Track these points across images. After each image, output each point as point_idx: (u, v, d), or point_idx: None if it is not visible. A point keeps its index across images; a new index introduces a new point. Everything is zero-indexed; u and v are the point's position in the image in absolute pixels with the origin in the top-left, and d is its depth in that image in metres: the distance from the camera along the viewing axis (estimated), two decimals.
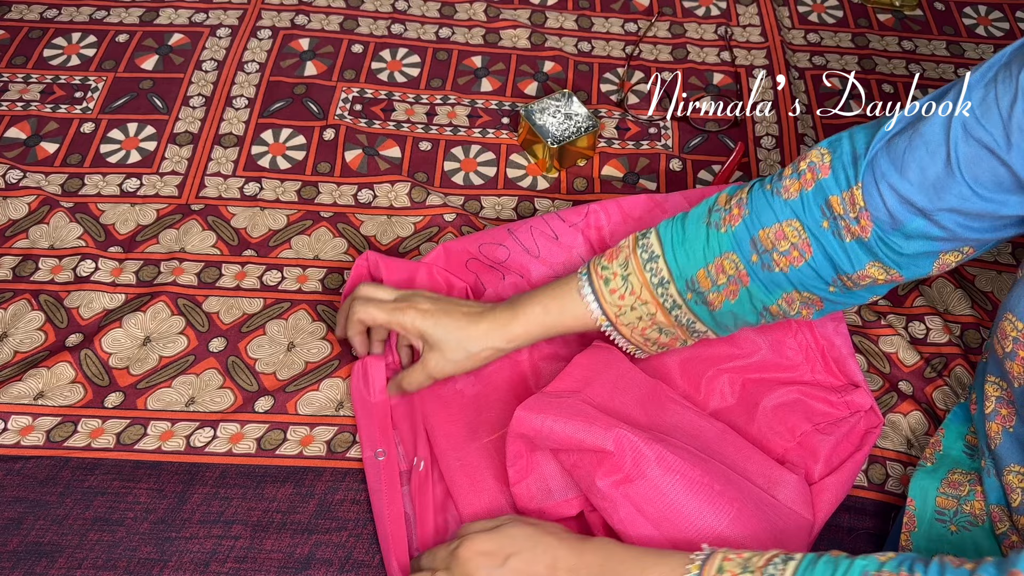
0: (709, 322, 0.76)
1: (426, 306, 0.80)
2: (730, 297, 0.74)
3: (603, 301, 0.76)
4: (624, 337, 0.78)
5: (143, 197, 1.02)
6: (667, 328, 0.77)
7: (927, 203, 0.65)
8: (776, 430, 0.81)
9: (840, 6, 1.29)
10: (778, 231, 0.71)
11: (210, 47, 1.17)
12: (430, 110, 1.12)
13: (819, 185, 0.69)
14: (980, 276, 0.98)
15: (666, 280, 0.74)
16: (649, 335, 0.78)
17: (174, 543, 0.78)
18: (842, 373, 0.84)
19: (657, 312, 0.76)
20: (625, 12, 1.26)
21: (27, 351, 0.89)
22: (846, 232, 0.69)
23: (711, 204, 0.75)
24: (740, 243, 0.72)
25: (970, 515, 0.73)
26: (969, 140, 0.63)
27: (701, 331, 0.78)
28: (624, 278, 0.75)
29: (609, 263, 0.77)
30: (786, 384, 0.84)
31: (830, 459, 0.79)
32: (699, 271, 0.74)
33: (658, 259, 0.75)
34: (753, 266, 0.72)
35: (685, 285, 0.74)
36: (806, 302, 0.74)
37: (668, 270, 0.74)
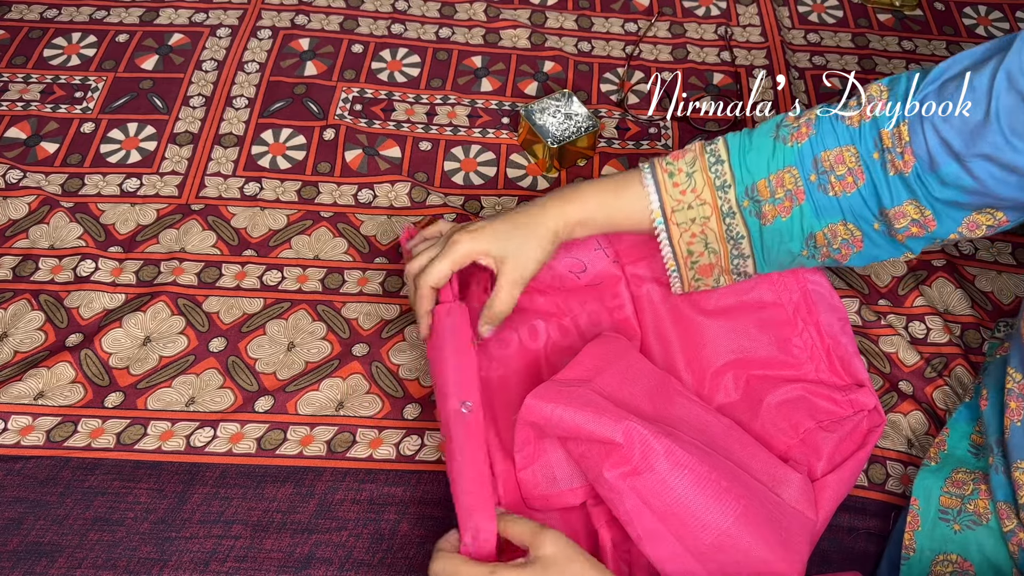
0: (756, 241, 0.77)
1: (473, 227, 0.78)
2: (783, 213, 0.75)
3: (663, 192, 0.77)
4: (671, 242, 0.78)
5: (143, 197, 1.02)
6: (713, 243, 0.78)
7: (962, 147, 0.67)
8: (779, 427, 0.81)
9: (840, 6, 1.29)
10: (838, 155, 0.74)
11: (210, 47, 1.17)
12: (430, 110, 1.12)
13: (875, 117, 0.73)
14: (980, 276, 0.98)
15: (728, 184, 0.76)
16: (694, 247, 0.78)
17: (174, 543, 0.78)
18: (846, 372, 0.84)
19: (712, 217, 0.77)
20: (625, 12, 1.26)
21: (27, 351, 0.89)
22: (891, 166, 0.72)
23: (779, 121, 0.77)
24: (803, 160, 0.75)
25: (974, 514, 0.73)
26: (1011, 91, 0.65)
27: (743, 255, 0.78)
28: (689, 175, 0.77)
29: (675, 160, 0.78)
30: (790, 381, 0.84)
31: (832, 457, 0.79)
32: (760, 180, 0.76)
33: (723, 163, 0.76)
34: (811, 185, 0.75)
35: (745, 191, 0.76)
36: (848, 238, 0.76)
37: (732, 174, 0.76)
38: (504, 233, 0.77)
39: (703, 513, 0.69)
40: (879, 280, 0.97)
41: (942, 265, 0.98)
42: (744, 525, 0.69)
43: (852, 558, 0.79)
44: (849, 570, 0.78)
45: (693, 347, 0.85)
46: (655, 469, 0.69)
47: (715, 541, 0.69)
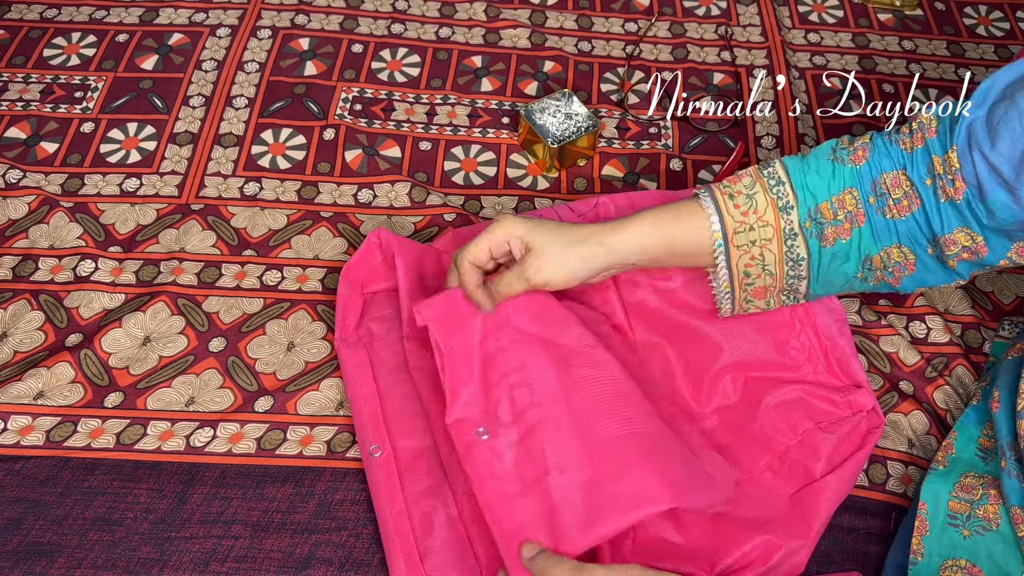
0: (815, 262, 0.76)
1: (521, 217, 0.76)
2: (843, 235, 0.75)
3: (725, 214, 0.75)
4: (729, 266, 0.76)
5: (143, 197, 1.02)
6: (771, 265, 0.76)
7: (1012, 174, 0.67)
8: (778, 428, 0.81)
9: (840, 6, 1.29)
10: (895, 178, 0.73)
11: (210, 47, 1.17)
12: (430, 110, 1.12)
13: (927, 144, 0.72)
14: (980, 276, 0.98)
15: (790, 205, 0.75)
16: (752, 269, 0.76)
17: (174, 543, 0.78)
18: (844, 373, 0.84)
19: (773, 239, 0.75)
20: (625, 12, 1.26)
21: (27, 351, 0.89)
22: (942, 193, 0.71)
23: (834, 144, 0.77)
24: (863, 181, 0.74)
25: (983, 519, 0.73)
26: None
27: (800, 277, 0.77)
28: (749, 196, 0.75)
29: (732, 183, 0.76)
30: (788, 383, 0.84)
31: (832, 457, 0.79)
32: (823, 201, 0.75)
33: (784, 184, 0.75)
34: (870, 207, 0.74)
35: (808, 213, 0.75)
36: (902, 261, 0.75)
37: (794, 195, 0.75)
38: (549, 232, 0.75)
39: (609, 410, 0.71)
40: None
41: None
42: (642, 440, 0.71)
43: (853, 558, 0.79)
44: (850, 570, 0.78)
45: (690, 352, 0.85)
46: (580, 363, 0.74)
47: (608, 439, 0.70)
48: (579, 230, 0.75)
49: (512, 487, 0.72)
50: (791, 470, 0.80)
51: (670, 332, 0.86)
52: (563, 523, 0.68)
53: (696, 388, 0.84)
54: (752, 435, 0.81)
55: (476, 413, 0.76)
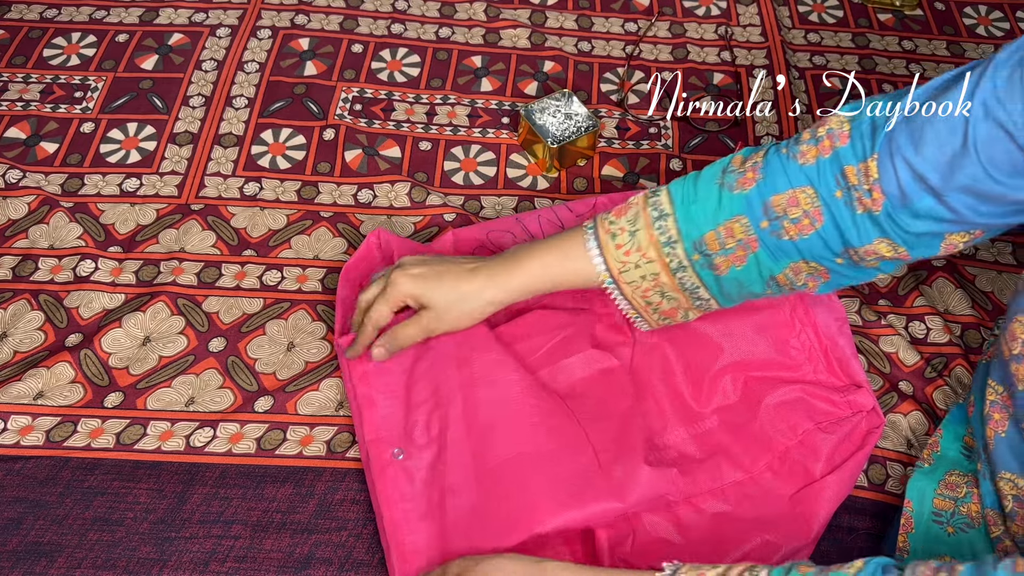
0: (713, 288, 0.75)
1: (416, 270, 0.78)
2: (737, 263, 0.72)
3: (607, 256, 0.74)
4: (625, 298, 0.77)
5: (143, 197, 1.02)
6: (670, 292, 0.75)
7: (939, 181, 0.64)
8: (778, 428, 0.81)
9: (840, 6, 1.29)
10: (791, 197, 0.70)
11: (210, 47, 1.17)
12: (430, 110, 1.12)
13: (836, 153, 0.68)
14: (980, 276, 0.98)
15: (674, 239, 0.73)
16: (651, 298, 0.76)
17: (174, 543, 0.78)
18: (844, 373, 0.84)
19: (661, 273, 0.74)
20: (625, 12, 1.26)
21: (27, 351, 0.89)
22: (858, 204, 0.68)
23: (725, 165, 0.74)
24: (752, 207, 0.71)
25: (967, 517, 0.73)
26: (989, 120, 0.61)
27: (704, 299, 0.76)
28: (632, 234, 0.74)
29: (617, 218, 0.75)
30: (788, 383, 0.84)
31: (832, 457, 0.79)
32: (708, 232, 0.72)
33: (668, 217, 0.73)
34: (763, 232, 0.71)
35: (692, 246, 0.73)
36: (812, 273, 0.73)
37: (677, 229, 0.73)
38: (445, 290, 0.78)
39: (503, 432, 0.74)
40: (879, 280, 0.97)
41: (942, 265, 0.98)
42: (534, 464, 0.73)
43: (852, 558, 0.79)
44: None
45: (690, 352, 0.85)
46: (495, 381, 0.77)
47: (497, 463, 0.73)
48: (471, 279, 0.78)
49: (418, 509, 0.75)
50: (791, 470, 0.80)
51: (671, 333, 0.86)
52: (454, 547, 0.72)
53: (696, 388, 0.84)
54: (752, 435, 0.81)
55: (394, 434, 0.78)
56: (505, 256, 0.79)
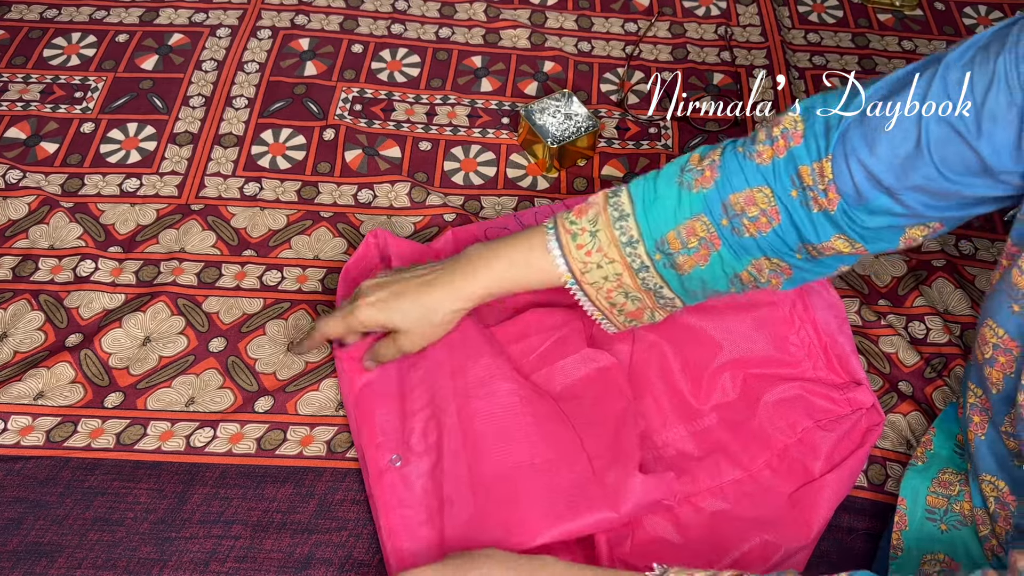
0: (676, 287, 0.74)
1: (374, 296, 0.78)
2: (700, 262, 0.72)
3: (569, 257, 0.74)
4: (589, 300, 0.76)
5: (143, 197, 1.02)
6: (633, 293, 0.75)
7: (893, 181, 0.64)
8: (777, 425, 0.81)
9: (840, 6, 1.29)
10: (748, 196, 0.70)
11: (210, 47, 1.17)
12: (430, 110, 1.12)
13: (791, 153, 0.68)
14: (980, 276, 0.98)
15: (635, 240, 0.72)
16: (615, 299, 0.75)
17: (174, 543, 0.78)
18: (844, 371, 0.84)
19: (624, 273, 0.73)
20: (625, 12, 1.26)
21: (27, 351, 0.89)
22: (814, 203, 0.68)
23: (683, 163, 0.74)
24: (711, 206, 0.71)
25: (959, 515, 0.73)
26: (941, 122, 0.62)
27: (668, 298, 0.75)
28: (592, 234, 0.73)
29: (578, 218, 0.74)
30: (788, 380, 0.84)
31: (831, 456, 0.79)
32: (669, 232, 0.72)
33: (628, 217, 0.73)
34: (723, 230, 0.71)
35: (654, 245, 0.72)
36: (775, 269, 0.73)
37: (638, 229, 0.72)
38: (406, 310, 0.77)
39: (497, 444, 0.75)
40: (879, 280, 0.97)
41: (942, 265, 0.98)
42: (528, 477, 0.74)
43: (851, 558, 0.79)
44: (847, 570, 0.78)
45: (689, 349, 0.85)
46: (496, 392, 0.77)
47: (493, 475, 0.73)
48: (430, 292, 0.77)
49: (418, 516, 0.75)
50: (790, 468, 0.80)
51: (669, 330, 0.86)
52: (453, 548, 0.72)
53: (695, 385, 0.84)
54: (751, 432, 0.81)
55: (392, 440, 0.79)
56: (463, 260, 0.77)
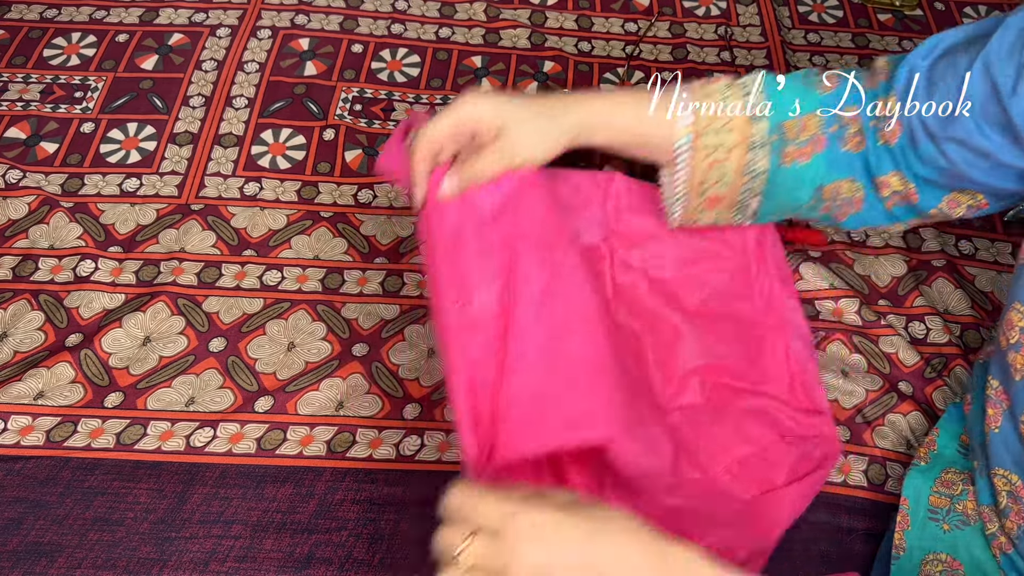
0: (770, 178, 0.75)
1: (487, 93, 0.72)
2: (802, 158, 0.75)
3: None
4: (688, 167, 0.75)
5: (143, 197, 1.02)
6: (730, 174, 0.75)
7: (938, 128, 0.68)
8: (741, 434, 0.81)
9: (840, 6, 1.29)
10: (854, 115, 0.74)
11: (210, 47, 1.17)
12: (430, 110, 1.12)
13: (879, 86, 0.74)
14: (980, 276, 0.98)
15: (760, 116, 0.75)
16: (710, 174, 0.75)
17: (174, 543, 0.78)
18: (808, 398, 0.84)
19: (736, 148, 0.74)
20: (625, 12, 1.26)
21: (27, 351, 0.89)
22: (880, 136, 0.73)
23: (808, 71, 0.78)
24: (828, 110, 0.75)
25: (962, 514, 0.73)
26: (985, 79, 0.65)
27: (754, 192, 0.76)
28: (724, 99, 0.75)
29: (709, 84, 0.76)
30: (757, 395, 0.83)
31: (795, 469, 0.79)
32: (788, 120, 0.75)
33: (758, 94, 0.76)
34: (832, 135, 0.75)
35: (774, 127, 0.75)
36: (850, 197, 0.76)
37: (765, 106, 0.75)
38: (516, 106, 0.71)
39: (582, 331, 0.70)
40: (879, 280, 0.97)
41: (942, 265, 0.98)
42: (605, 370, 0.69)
43: (851, 558, 0.79)
44: (848, 571, 0.78)
45: (666, 346, 0.85)
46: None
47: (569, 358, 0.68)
48: (549, 103, 0.73)
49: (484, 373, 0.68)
50: (750, 476, 0.79)
51: (650, 322, 0.85)
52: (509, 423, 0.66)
53: (666, 383, 0.83)
54: (713, 437, 0.80)
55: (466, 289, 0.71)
56: (588, 92, 0.77)
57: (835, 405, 0.87)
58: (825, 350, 0.91)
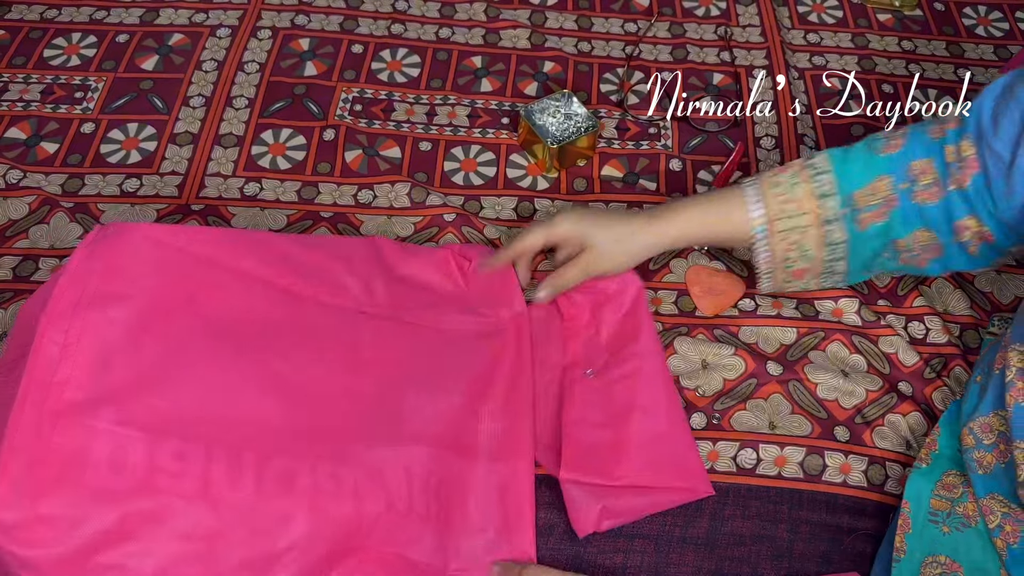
0: (851, 245, 0.81)
1: (575, 214, 0.85)
2: (877, 219, 0.79)
3: (768, 203, 0.82)
4: (768, 249, 0.83)
5: (143, 197, 1.02)
6: (810, 249, 0.82)
7: (1008, 156, 0.71)
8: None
9: (840, 6, 1.29)
10: (926, 165, 0.78)
11: (210, 47, 1.17)
12: (430, 110, 1.12)
13: (948, 133, 0.78)
14: (980, 276, 0.99)
15: (828, 193, 0.80)
16: (791, 253, 0.83)
17: None
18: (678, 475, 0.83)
19: (811, 227, 0.81)
20: (625, 12, 1.26)
21: None
22: (952, 181, 0.76)
23: (875, 136, 0.83)
24: (896, 168, 0.79)
25: (963, 516, 0.73)
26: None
27: (837, 258, 0.82)
28: (791, 186, 0.81)
29: (779, 174, 0.83)
30: None
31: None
32: (858, 189, 0.80)
33: (825, 173, 0.81)
34: (903, 192, 0.78)
35: (844, 200, 0.80)
36: (929, 244, 0.80)
37: (833, 183, 0.80)
38: (605, 227, 0.84)
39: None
40: (879, 280, 0.97)
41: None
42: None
43: (851, 558, 0.79)
44: (849, 571, 0.78)
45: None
46: None
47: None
48: (629, 223, 0.85)
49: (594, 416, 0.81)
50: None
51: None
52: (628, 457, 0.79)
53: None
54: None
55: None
56: (663, 206, 0.86)
57: (835, 405, 0.87)
58: (825, 350, 0.91)
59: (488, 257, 0.90)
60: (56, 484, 0.65)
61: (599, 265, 0.85)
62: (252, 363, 0.76)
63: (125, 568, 0.65)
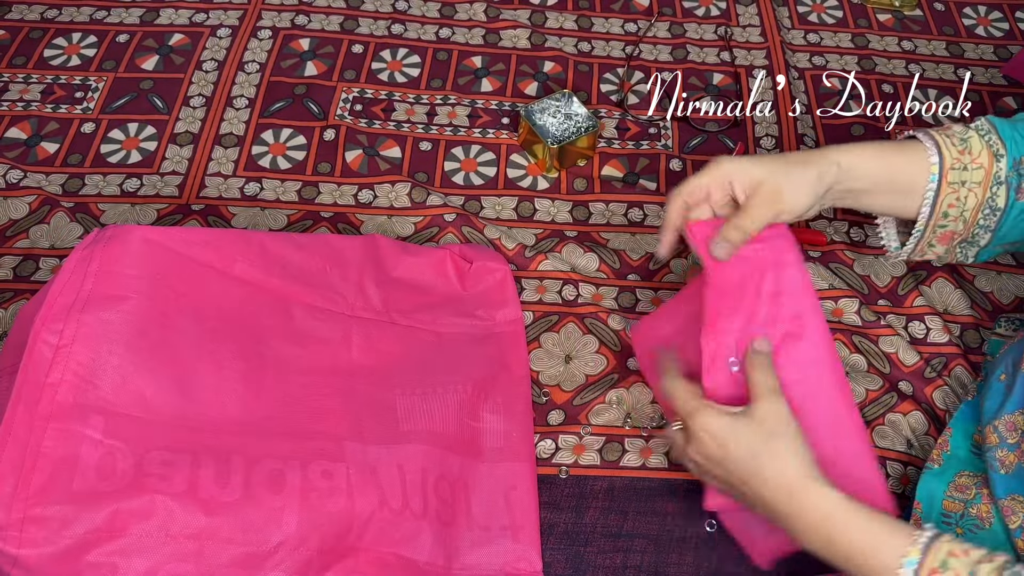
0: (1006, 215, 0.76)
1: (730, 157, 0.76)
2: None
3: (944, 150, 0.76)
4: (935, 200, 0.77)
5: (144, 197, 1.02)
6: (969, 209, 0.76)
7: None
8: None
9: (840, 6, 1.29)
10: None
11: (210, 47, 1.17)
12: (430, 110, 1.12)
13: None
14: (980, 276, 0.99)
15: (1000, 153, 0.75)
16: (951, 210, 0.77)
17: None
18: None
19: (982, 183, 0.76)
20: (625, 12, 1.26)
21: None
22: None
23: (1021, 115, 0.78)
24: None
25: (976, 518, 0.73)
26: None
27: (988, 228, 0.77)
28: (964, 139, 0.76)
29: (944, 130, 0.77)
30: None
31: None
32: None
33: (992, 133, 0.76)
34: None
35: (1014, 163, 0.75)
36: None
37: (1002, 144, 0.75)
38: (771, 161, 0.75)
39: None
40: (879, 280, 0.97)
41: (942, 265, 0.98)
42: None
43: None
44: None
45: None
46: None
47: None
48: (798, 155, 0.76)
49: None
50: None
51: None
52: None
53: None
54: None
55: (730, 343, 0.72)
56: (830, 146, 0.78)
57: None
58: None
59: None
60: (47, 485, 0.65)
61: (777, 201, 0.73)
62: (245, 366, 0.76)
63: (116, 567, 0.65)
